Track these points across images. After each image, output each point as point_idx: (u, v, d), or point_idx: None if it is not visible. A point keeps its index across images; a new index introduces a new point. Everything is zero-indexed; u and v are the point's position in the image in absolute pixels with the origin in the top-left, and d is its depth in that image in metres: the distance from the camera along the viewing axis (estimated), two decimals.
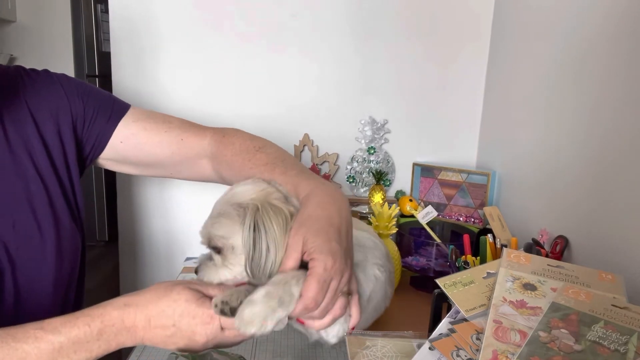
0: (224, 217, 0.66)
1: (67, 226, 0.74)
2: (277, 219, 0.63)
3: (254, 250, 0.63)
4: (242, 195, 0.67)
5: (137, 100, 1.36)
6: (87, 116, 0.78)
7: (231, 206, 0.66)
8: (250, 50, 1.34)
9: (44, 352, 0.54)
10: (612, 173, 0.83)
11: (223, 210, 0.67)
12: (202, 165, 0.82)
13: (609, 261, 0.82)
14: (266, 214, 0.63)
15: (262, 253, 0.62)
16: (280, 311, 0.57)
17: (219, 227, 0.66)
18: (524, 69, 1.18)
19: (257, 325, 0.57)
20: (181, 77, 1.35)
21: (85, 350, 0.55)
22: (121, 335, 0.57)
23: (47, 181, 0.73)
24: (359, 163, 1.41)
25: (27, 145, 0.72)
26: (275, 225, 0.63)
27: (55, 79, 0.78)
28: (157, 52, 1.34)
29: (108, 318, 0.57)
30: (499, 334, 0.58)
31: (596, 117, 0.88)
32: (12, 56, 3.18)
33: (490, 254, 0.93)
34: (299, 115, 1.39)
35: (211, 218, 0.68)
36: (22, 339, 0.54)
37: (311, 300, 0.57)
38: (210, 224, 0.68)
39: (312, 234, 0.60)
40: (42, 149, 0.73)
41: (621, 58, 0.82)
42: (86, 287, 0.84)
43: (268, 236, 0.62)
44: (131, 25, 1.32)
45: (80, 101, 0.78)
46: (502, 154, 1.29)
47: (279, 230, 0.63)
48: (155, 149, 0.81)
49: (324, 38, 1.35)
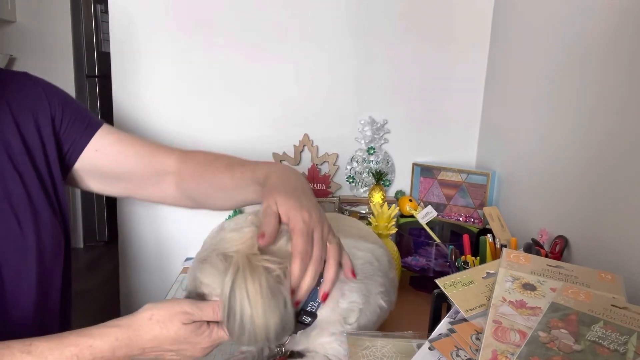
0: (209, 264, 0.65)
1: (47, 221, 0.75)
2: (254, 285, 0.61)
3: (228, 315, 0.61)
4: (228, 243, 0.65)
5: (137, 100, 1.36)
6: (65, 120, 0.80)
7: (217, 255, 0.65)
8: (249, 50, 1.34)
9: None
10: (612, 173, 0.83)
11: (209, 257, 0.66)
12: (167, 182, 0.85)
13: (608, 261, 0.82)
14: (244, 277, 0.61)
15: (236, 318, 0.61)
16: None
17: (205, 274, 0.65)
18: (523, 69, 1.18)
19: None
20: (181, 77, 1.35)
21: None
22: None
23: (26, 178, 0.74)
24: (359, 163, 1.41)
25: (5, 144, 0.73)
26: (252, 291, 0.61)
27: (35, 81, 0.80)
28: (156, 52, 1.34)
29: (98, 351, 0.58)
30: (498, 334, 0.58)
31: (596, 117, 0.88)
32: (11, 56, 3.18)
33: (489, 254, 0.93)
34: (299, 116, 1.39)
35: (198, 262, 0.67)
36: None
37: (303, 252, 0.61)
38: (197, 268, 0.67)
39: (282, 197, 0.65)
40: (22, 147, 0.74)
41: (622, 58, 0.82)
42: (86, 287, 0.85)
43: (242, 303, 0.60)
44: (131, 26, 1.32)
45: (60, 106, 0.80)
46: (501, 154, 1.29)
47: (257, 297, 0.61)
48: (129, 160, 0.83)
49: (324, 38, 1.35)
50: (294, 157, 1.40)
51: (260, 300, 0.60)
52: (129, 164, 0.83)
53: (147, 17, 1.32)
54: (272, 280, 0.62)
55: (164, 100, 1.36)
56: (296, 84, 1.37)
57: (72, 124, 0.80)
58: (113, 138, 0.83)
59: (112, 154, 0.82)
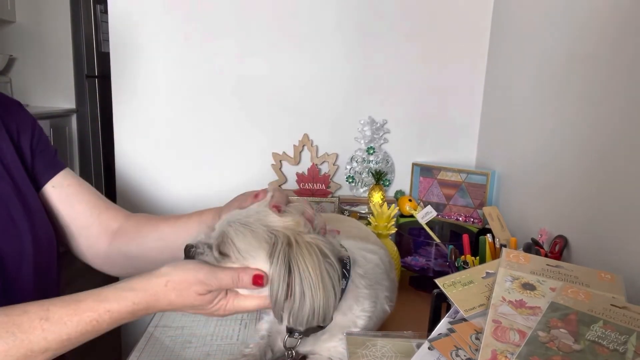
0: (250, 231, 0.62)
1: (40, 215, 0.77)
2: (311, 260, 0.59)
3: (285, 296, 0.59)
4: (273, 220, 0.63)
5: (137, 100, 1.36)
6: (37, 146, 0.82)
7: (262, 225, 0.62)
8: (249, 50, 1.34)
9: (52, 343, 0.55)
10: (612, 173, 0.83)
11: (251, 224, 0.62)
12: (102, 239, 0.86)
13: (608, 261, 0.82)
14: (300, 254, 0.59)
15: (295, 300, 0.58)
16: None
17: (241, 238, 0.62)
18: (523, 69, 1.18)
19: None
20: (180, 78, 1.35)
21: (93, 335, 0.58)
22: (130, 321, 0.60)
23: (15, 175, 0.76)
24: (359, 163, 1.41)
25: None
26: (310, 268, 0.59)
27: (15, 101, 0.83)
28: (156, 52, 1.34)
29: (117, 315, 0.58)
30: (498, 334, 0.58)
31: (596, 116, 0.88)
32: (11, 56, 3.18)
33: (489, 253, 0.93)
34: (299, 115, 1.39)
35: (235, 221, 0.63)
36: (28, 330, 0.54)
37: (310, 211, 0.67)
38: (234, 226, 0.63)
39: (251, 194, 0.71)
40: (13, 149, 0.77)
41: (622, 58, 0.82)
42: (86, 287, 0.85)
43: (303, 281, 0.58)
44: (131, 26, 1.32)
45: (37, 131, 0.83)
46: (501, 153, 1.29)
47: (315, 274, 0.59)
48: (81, 205, 0.84)
49: (324, 38, 1.35)
50: (294, 157, 1.40)
51: (319, 281, 0.59)
52: (77, 210, 0.84)
53: (147, 17, 1.32)
54: (324, 262, 0.61)
55: (163, 101, 1.36)
56: (296, 84, 1.37)
57: (41, 151, 0.83)
58: (73, 180, 0.85)
59: (68, 196, 0.84)
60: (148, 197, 1.41)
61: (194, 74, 1.35)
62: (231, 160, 1.40)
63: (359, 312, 0.72)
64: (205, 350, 0.84)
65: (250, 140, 1.39)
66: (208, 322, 0.95)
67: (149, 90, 1.35)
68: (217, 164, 1.40)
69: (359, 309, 0.72)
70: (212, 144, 1.39)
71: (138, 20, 1.32)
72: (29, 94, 3.22)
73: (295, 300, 0.59)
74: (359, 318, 0.73)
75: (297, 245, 0.60)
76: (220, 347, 0.86)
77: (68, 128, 3.29)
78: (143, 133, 1.37)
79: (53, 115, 3.04)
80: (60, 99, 3.28)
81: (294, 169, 1.40)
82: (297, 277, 0.59)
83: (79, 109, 3.37)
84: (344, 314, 0.71)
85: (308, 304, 0.59)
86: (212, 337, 0.89)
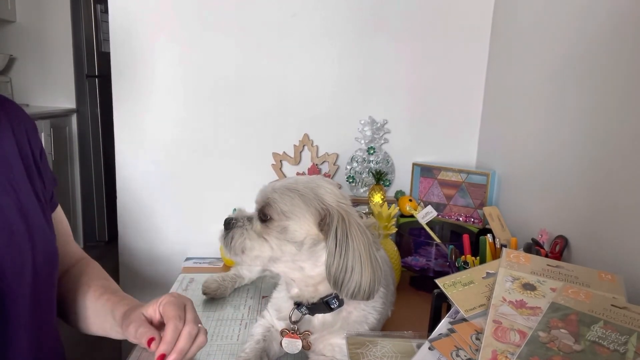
0: (299, 197, 0.65)
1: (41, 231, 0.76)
2: (363, 240, 0.64)
3: (337, 266, 0.63)
4: (327, 193, 0.67)
5: (137, 100, 1.36)
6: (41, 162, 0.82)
7: (314, 195, 0.65)
8: (249, 50, 1.34)
9: None
10: (612, 173, 0.83)
11: (302, 190, 0.66)
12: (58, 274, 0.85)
13: (608, 261, 0.82)
14: (354, 232, 0.64)
15: (345, 271, 0.63)
16: None
17: (288, 201, 0.65)
18: (523, 69, 1.18)
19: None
20: (180, 78, 1.35)
21: None
22: None
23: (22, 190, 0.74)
24: (359, 163, 1.41)
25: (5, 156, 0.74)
26: (363, 246, 0.63)
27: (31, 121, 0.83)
28: (156, 52, 1.34)
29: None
30: (498, 334, 0.58)
31: (596, 116, 0.88)
32: (11, 56, 3.18)
33: (489, 254, 0.93)
34: (299, 115, 1.39)
35: (283, 187, 0.67)
36: None
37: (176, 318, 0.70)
38: (279, 191, 0.66)
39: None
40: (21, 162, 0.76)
41: (622, 58, 0.82)
42: None
43: (355, 257, 0.63)
44: (131, 26, 1.32)
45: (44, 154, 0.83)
46: (501, 153, 1.29)
47: (365, 253, 0.63)
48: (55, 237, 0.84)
49: (324, 38, 1.35)
50: (294, 157, 1.40)
51: (367, 260, 0.64)
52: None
53: (147, 17, 1.32)
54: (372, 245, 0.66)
55: (163, 100, 1.36)
56: (296, 84, 1.37)
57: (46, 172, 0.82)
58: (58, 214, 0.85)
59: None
60: (148, 197, 1.41)
61: (194, 74, 1.35)
62: (231, 159, 1.40)
63: (370, 308, 0.74)
64: (205, 350, 0.84)
65: (250, 140, 1.39)
66: (208, 322, 0.95)
67: (149, 90, 1.35)
68: (217, 163, 1.40)
69: (371, 305, 0.74)
70: (212, 143, 1.39)
71: (138, 20, 1.32)
72: (29, 94, 3.22)
73: (345, 272, 0.63)
74: (371, 314, 0.75)
75: (350, 224, 0.64)
76: (220, 347, 0.86)
77: (68, 128, 3.29)
78: (143, 133, 1.37)
79: (53, 115, 3.04)
80: (60, 98, 3.27)
81: (294, 169, 1.40)
82: (350, 253, 0.63)
83: (79, 109, 3.37)
84: (357, 307, 0.72)
85: (355, 279, 0.63)
86: (212, 337, 0.89)
